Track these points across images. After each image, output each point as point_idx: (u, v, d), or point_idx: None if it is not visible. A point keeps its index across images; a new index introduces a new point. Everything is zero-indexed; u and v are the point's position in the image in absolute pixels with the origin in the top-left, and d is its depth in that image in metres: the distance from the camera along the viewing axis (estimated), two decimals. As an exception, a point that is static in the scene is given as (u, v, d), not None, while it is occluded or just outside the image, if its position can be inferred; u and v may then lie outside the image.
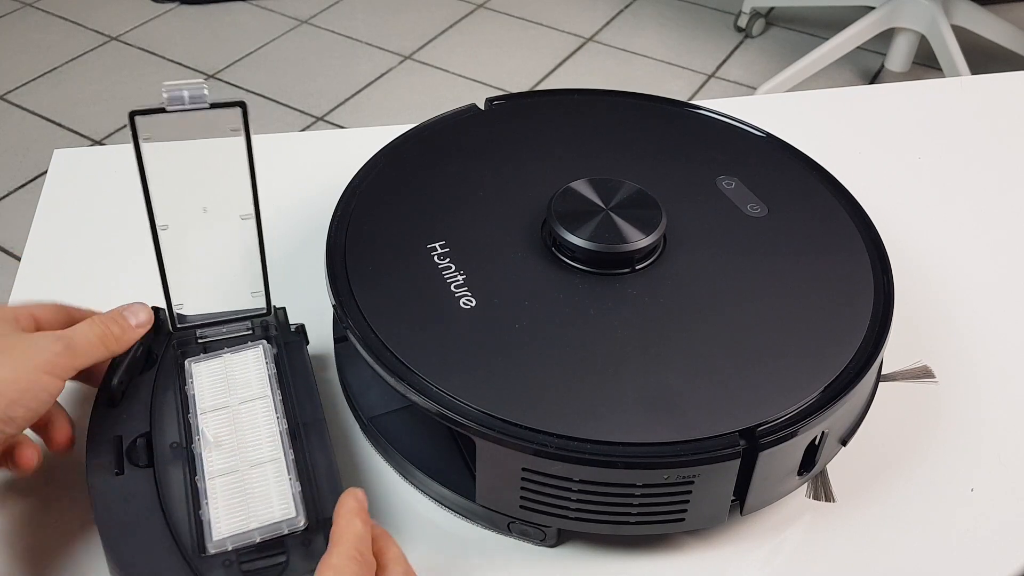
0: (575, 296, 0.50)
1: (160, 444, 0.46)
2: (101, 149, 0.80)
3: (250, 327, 0.52)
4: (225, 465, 0.45)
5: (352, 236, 0.54)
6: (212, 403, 0.47)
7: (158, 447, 0.46)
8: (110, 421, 0.47)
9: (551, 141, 0.62)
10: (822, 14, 2.26)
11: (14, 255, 1.59)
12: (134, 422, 0.47)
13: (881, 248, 0.55)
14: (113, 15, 2.22)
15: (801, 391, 0.46)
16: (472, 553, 0.49)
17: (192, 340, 0.51)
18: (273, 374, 0.49)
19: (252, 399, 0.48)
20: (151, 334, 0.50)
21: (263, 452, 0.45)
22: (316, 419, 0.47)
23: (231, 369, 0.49)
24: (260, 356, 0.50)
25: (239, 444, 0.46)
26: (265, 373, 0.49)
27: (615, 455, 0.43)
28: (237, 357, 0.50)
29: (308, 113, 1.93)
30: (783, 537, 0.50)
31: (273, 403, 0.47)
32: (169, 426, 0.47)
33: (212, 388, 0.48)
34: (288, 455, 0.45)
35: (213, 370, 0.49)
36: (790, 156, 0.62)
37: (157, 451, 0.46)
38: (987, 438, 0.54)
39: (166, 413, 0.47)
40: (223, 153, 0.46)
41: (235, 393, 0.48)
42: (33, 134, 1.86)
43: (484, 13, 2.26)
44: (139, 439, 0.46)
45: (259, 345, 0.50)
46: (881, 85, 0.91)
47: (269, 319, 0.52)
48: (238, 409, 0.47)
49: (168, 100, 0.43)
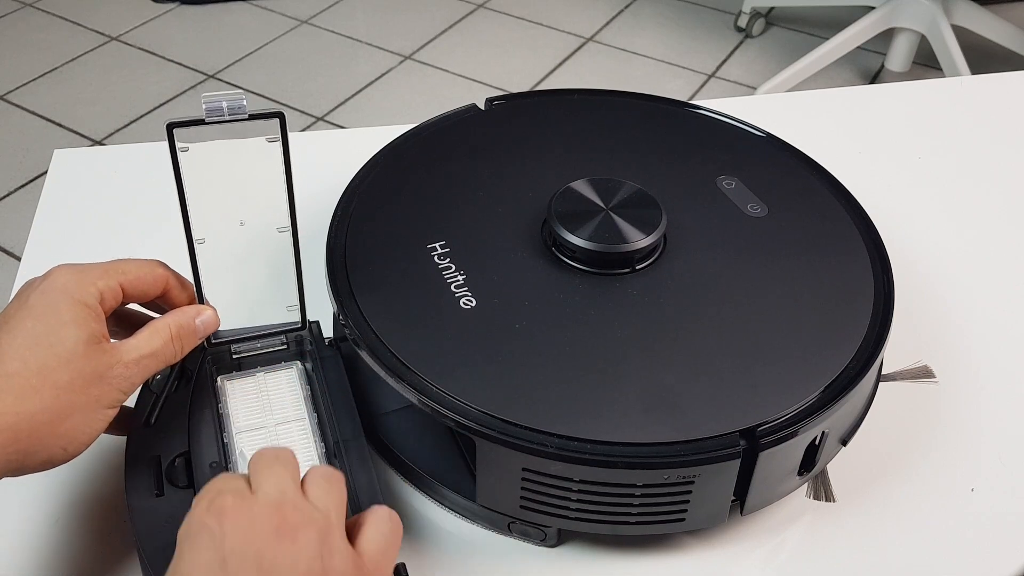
0: (575, 296, 0.50)
1: (200, 464, 0.45)
2: (101, 149, 0.80)
3: (284, 342, 0.51)
4: None
5: (352, 236, 0.54)
6: (247, 423, 0.47)
7: (198, 467, 0.45)
8: (148, 441, 0.46)
9: (551, 141, 0.62)
10: (822, 14, 2.26)
11: (14, 255, 1.59)
12: (172, 441, 0.46)
13: (881, 248, 0.55)
14: (113, 15, 2.22)
15: (801, 391, 0.46)
16: (472, 553, 0.49)
17: (226, 356, 0.50)
18: (308, 395, 0.48)
19: (288, 421, 0.47)
20: None
21: None
22: (355, 435, 0.46)
23: (265, 390, 0.49)
24: (294, 378, 0.49)
25: None
26: (300, 395, 0.48)
27: (615, 455, 0.43)
28: (271, 377, 0.49)
29: (308, 113, 1.93)
30: (783, 537, 0.50)
31: (309, 425, 0.47)
32: (208, 445, 0.46)
33: (247, 408, 0.48)
34: None
35: (247, 389, 0.49)
36: (790, 156, 0.62)
37: (197, 471, 0.45)
38: (987, 438, 0.54)
39: (203, 432, 0.46)
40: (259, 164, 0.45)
41: (271, 414, 0.47)
42: (33, 134, 1.86)
43: (484, 13, 2.26)
44: (178, 459, 0.45)
45: (293, 366, 0.50)
46: (881, 85, 0.91)
47: (304, 334, 0.51)
48: (275, 430, 0.47)
49: (207, 112, 0.42)
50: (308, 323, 0.51)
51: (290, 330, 0.51)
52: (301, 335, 0.51)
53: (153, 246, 0.66)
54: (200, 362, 0.49)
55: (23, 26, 2.18)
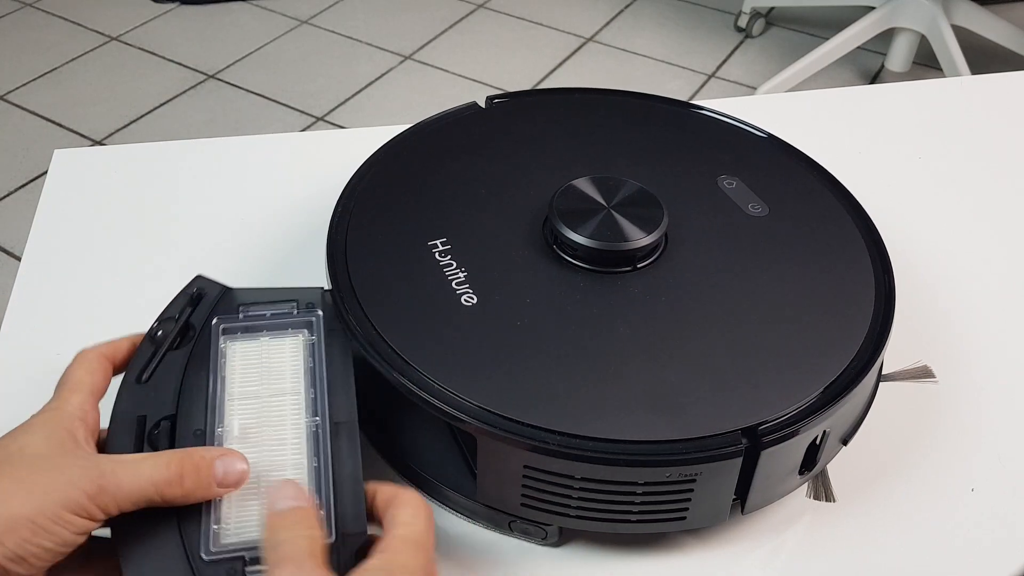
0: (576, 294, 0.50)
1: (184, 429, 0.43)
2: (101, 149, 0.80)
3: (295, 307, 0.48)
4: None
5: (352, 234, 0.54)
6: (242, 390, 0.45)
7: (181, 432, 0.43)
8: (137, 398, 0.44)
9: (552, 139, 0.62)
10: (822, 14, 2.26)
11: (14, 255, 1.59)
12: (161, 402, 0.44)
13: (882, 248, 0.55)
14: (113, 15, 2.22)
15: (803, 390, 0.46)
16: (472, 552, 0.49)
17: (234, 315, 0.48)
18: (309, 368, 0.46)
19: (283, 394, 0.45)
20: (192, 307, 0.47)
21: (285, 455, 0.43)
22: (349, 419, 0.44)
23: (267, 355, 0.46)
24: (298, 346, 0.47)
25: (263, 440, 0.43)
26: (301, 366, 0.46)
27: (617, 453, 0.43)
28: (275, 344, 0.47)
29: (308, 113, 1.93)
30: (784, 536, 0.50)
31: (304, 400, 0.45)
32: (197, 410, 0.44)
33: (244, 373, 0.45)
34: (311, 461, 0.42)
35: (248, 353, 0.46)
36: (791, 156, 0.62)
37: (180, 436, 0.42)
38: (987, 438, 0.54)
39: (195, 395, 0.44)
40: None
41: (267, 383, 0.45)
42: (33, 134, 1.86)
43: (484, 13, 2.26)
44: (163, 421, 0.43)
45: (300, 334, 0.47)
46: (881, 85, 0.91)
47: (315, 300, 0.49)
48: (268, 401, 0.44)
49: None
50: (323, 291, 0.50)
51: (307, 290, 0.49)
52: (311, 302, 0.49)
53: (153, 246, 0.66)
54: (205, 320, 0.47)
55: (23, 26, 2.19)
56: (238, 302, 0.49)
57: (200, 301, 0.48)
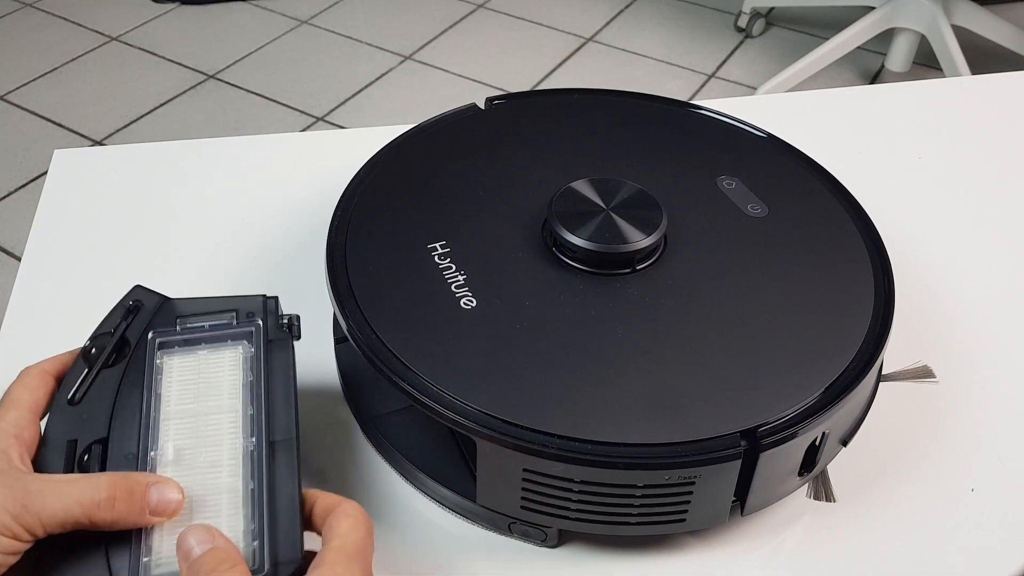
0: (576, 296, 0.50)
1: (116, 453, 0.41)
2: (101, 149, 0.80)
3: (235, 317, 0.46)
4: (181, 483, 0.40)
5: (352, 236, 0.54)
6: (178, 408, 0.43)
7: (113, 457, 0.41)
8: (69, 420, 0.42)
9: (551, 141, 0.62)
10: (822, 14, 2.26)
11: (14, 255, 1.59)
12: (93, 424, 0.42)
13: (881, 248, 0.55)
14: (113, 15, 2.22)
15: (802, 392, 0.46)
16: (472, 553, 0.49)
17: (171, 330, 0.46)
18: (248, 382, 0.44)
19: (220, 411, 0.43)
20: (128, 320, 0.45)
21: (221, 478, 0.40)
22: (288, 438, 0.42)
23: (204, 370, 0.44)
24: (237, 359, 0.45)
25: (198, 463, 0.41)
26: (240, 380, 0.44)
27: (616, 456, 0.43)
28: (213, 357, 0.45)
29: (308, 113, 1.93)
30: (783, 537, 0.50)
31: (241, 419, 0.42)
32: (129, 432, 0.42)
33: (181, 390, 0.43)
34: (247, 484, 0.40)
35: (185, 368, 0.44)
36: (790, 156, 0.62)
37: (111, 461, 0.41)
38: (987, 438, 0.54)
39: (129, 416, 0.42)
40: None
41: (204, 400, 0.43)
42: (33, 134, 1.86)
43: (484, 13, 2.26)
44: (95, 445, 0.41)
45: (238, 346, 0.45)
46: (881, 85, 0.91)
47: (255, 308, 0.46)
48: (204, 420, 0.42)
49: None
50: (264, 298, 0.47)
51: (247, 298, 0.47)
52: (252, 311, 0.46)
53: (153, 246, 0.66)
54: (141, 334, 0.45)
55: (23, 26, 2.19)
56: (176, 314, 0.46)
57: (137, 313, 0.46)
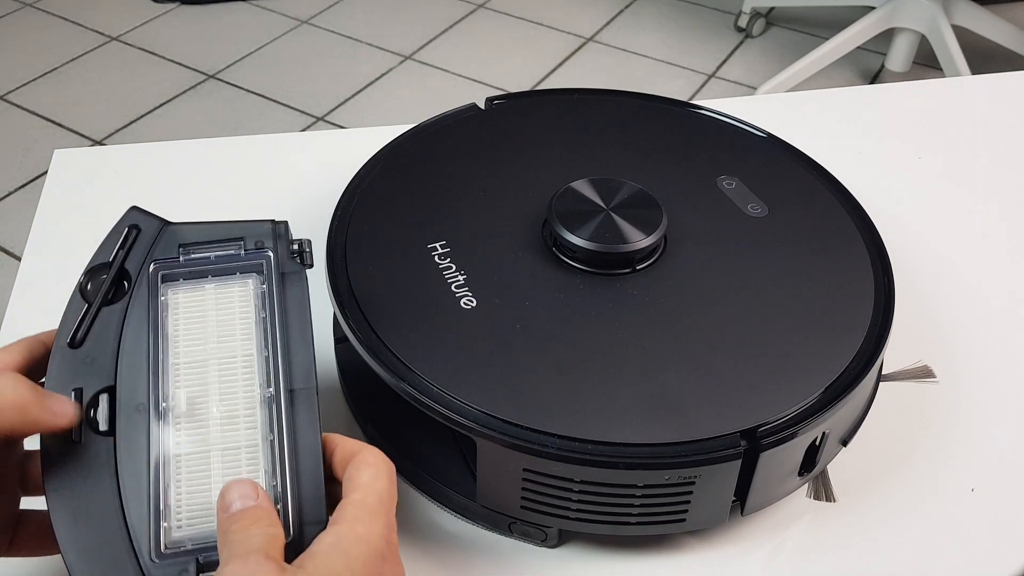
0: (576, 296, 0.50)
1: (125, 403, 0.37)
2: (101, 149, 0.80)
3: (242, 246, 0.42)
4: (193, 443, 0.37)
5: (352, 236, 0.54)
6: (187, 351, 0.39)
7: (122, 408, 0.37)
8: (72, 367, 0.38)
9: (552, 141, 0.62)
10: (822, 14, 2.26)
11: (14, 255, 1.59)
12: (98, 369, 0.38)
13: (881, 248, 0.55)
14: (113, 15, 2.22)
15: (802, 392, 0.46)
16: (472, 553, 0.49)
17: (174, 260, 0.41)
18: (261, 320, 0.40)
19: (233, 356, 0.39)
20: (126, 250, 0.41)
21: (238, 431, 0.38)
22: (307, 386, 0.39)
23: (213, 307, 0.40)
24: (247, 295, 0.40)
25: (212, 416, 0.38)
26: (252, 319, 0.40)
27: (616, 456, 0.43)
28: (222, 291, 0.40)
29: (308, 113, 1.93)
30: (783, 537, 0.50)
31: (256, 364, 0.39)
32: (138, 378, 0.38)
33: (188, 330, 0.39)
34: (267, 438, 0.38)
35: (192, 305, 0.40)
36: (790, 156, 0.62)
37: (120, 413, 0.37)
38: (987, 438, 0.54)
39: (135, 360, 0.38)
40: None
41: (215, 343, 0.39)
42: (33, 134, 1.86)
43: (484, 13, 2.26)
44: (101, 395, 0.38)
45: (248, 279, 0.41)
46: (881, 85, 0.91)
47: (266, 234, 0.42)
48: (217, 367, 0.39)
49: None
50: (272, 223, 0.43)
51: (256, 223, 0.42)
52: (261, 238, 0.42)
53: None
54: (141, 267, 0.41)
55: (23, 26, 2.18)
56: (178, 241, 0.42)
57: (135, 241, 0.42)
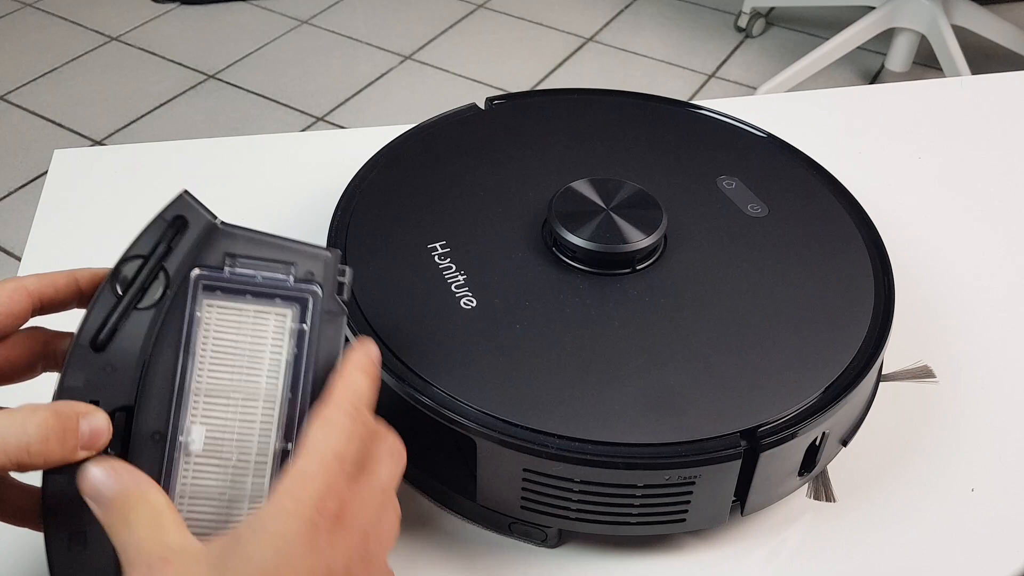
0: (576, 296, 0.50)
1: (140, 428, 0.34)
2: (101, 149, 0.80)
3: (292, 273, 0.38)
4: (205, 483, 0.35)
5: (352, 236, 0.54)
6: (212, 382, 0.36)
7: (137, 432, 0.34)
8: (92, 372, 0.35)
9: (551, 141, 0.62)
10: (822, 14, 2.26)
11: (14, 255, 1.59)
12: (119, 382, 0.35)
13: (881, 248, 0.55)
14: (113, 15, 2.22)
15: (802, 392, 0.46)
16: (472, 553, 0.49)
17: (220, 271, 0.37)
18: (291, 360, 0.37)
19: (256, 398, 0.36)
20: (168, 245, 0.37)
21: (246, 479, 0.35)
22: None
23: (249, 332, 0.37)
24: (283, 327, 0.37)
25: (225, 459, 0.36)
26: (282, 355, 0.37)
27: (616, 456, 0.43)
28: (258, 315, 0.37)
29: (308, 113, 1.93)
30: (783, 537, 0.50)
31: (276, 409, 0.36)
32: (159, 402, 0.35)
33: (218, 355, 0.36)
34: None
35: (227, 324, 0.36)
36: (790, 156, 0.62)
37: (135, 440, 0.34)
38: (987, 438, 0.54)
39: (160, 380, 0.35)
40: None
41: (241, 376, 0.36)
42: (33, 134, 1.86)
43: (484, 13, 2.26)
44: (118, 412, 0.34)
45: (288, 309, 0.37)
46: (881, 85, 0.91)
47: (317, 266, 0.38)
48: (238, 406, 0.36)
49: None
50: (326, 259, 0.38)
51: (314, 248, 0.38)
52: (311, 270, 0.38)
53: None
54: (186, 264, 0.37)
55: (23, 26, 2.19)
56: (225, 250, 0.37)
57: (180, 237, 0.37)
